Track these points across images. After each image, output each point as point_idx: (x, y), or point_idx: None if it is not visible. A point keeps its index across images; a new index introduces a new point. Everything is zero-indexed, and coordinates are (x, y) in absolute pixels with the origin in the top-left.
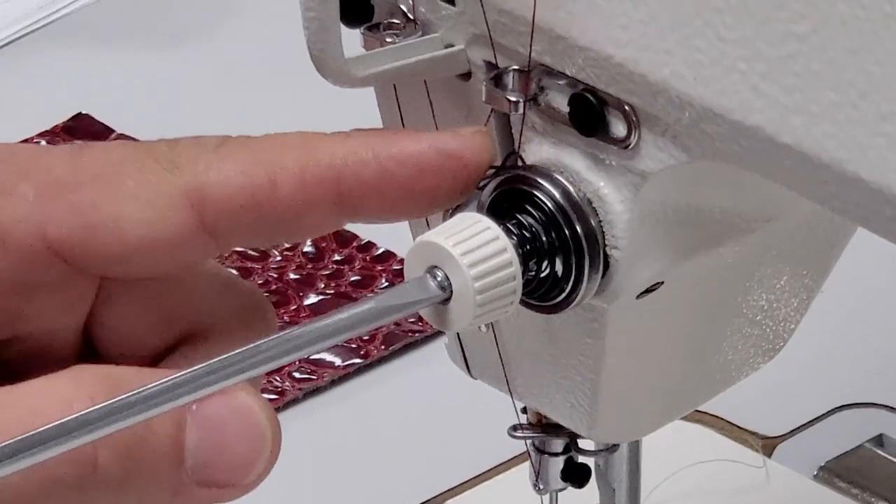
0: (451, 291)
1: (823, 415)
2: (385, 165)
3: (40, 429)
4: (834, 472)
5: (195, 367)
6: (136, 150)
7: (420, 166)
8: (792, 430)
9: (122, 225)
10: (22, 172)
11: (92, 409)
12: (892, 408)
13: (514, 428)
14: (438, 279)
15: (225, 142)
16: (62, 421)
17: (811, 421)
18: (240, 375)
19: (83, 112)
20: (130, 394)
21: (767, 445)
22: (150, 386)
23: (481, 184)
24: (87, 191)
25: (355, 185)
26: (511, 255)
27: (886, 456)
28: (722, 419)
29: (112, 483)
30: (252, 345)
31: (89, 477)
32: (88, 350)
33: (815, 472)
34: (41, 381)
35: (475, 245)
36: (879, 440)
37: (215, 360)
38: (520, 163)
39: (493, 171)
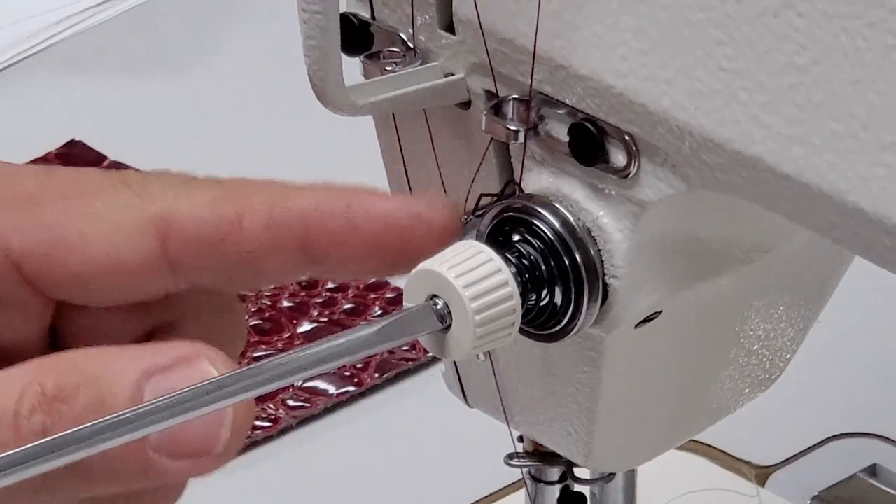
0: (451, 321)
1: (817, 444)
2: (352, 219)
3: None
4: (827, 501)
5: (194, 385)
6: (107, 175)
7: (387, 224)
8: (785, 460)
9: (86, 243)
10: None
11: (73, 430)
12: (885, 438)
13: (511, 456)
14: (438, 308)
15: (196, 178)
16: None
17: (805, 450)
18: (235, 397)
19: (76, 139)
20: (116, 415)
21: (761, 475)
22: (142, 406)
23: (479, 212)
24: (54, 207)
25: (321, 234)
26: (512, 287)
27: (880, 486)
28: (715, 448)
29: (77, 470)
30: (249, 367)
31: None
32: (56, 345)
33: (808, 502)
34: None
35: (477, 277)
36: (873, 470)
37: (212, 379)
38: (518, 192)
39: (492, 199)
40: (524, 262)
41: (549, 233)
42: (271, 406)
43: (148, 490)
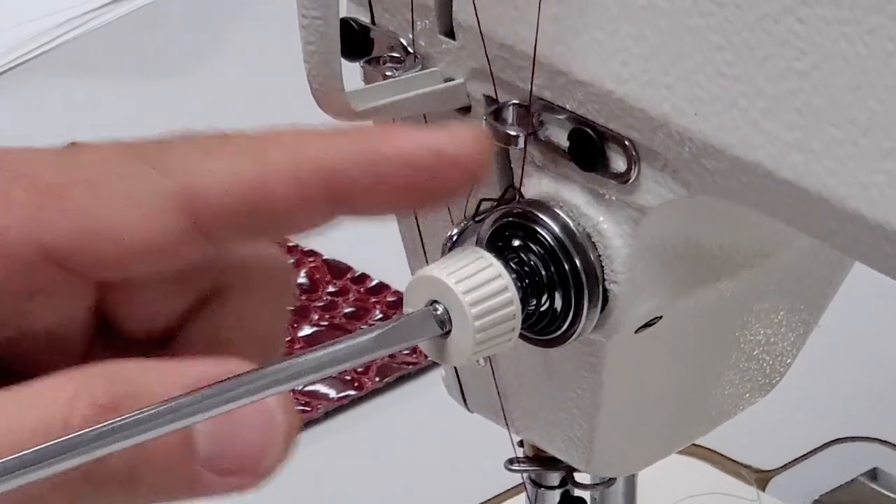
0: (452, 326)
1: (817, 448)
2: (377, 164)
3: (50, 443)
4: None
5: (198, 390)
6: (125, 151)
7: (412, 165)
8: (786, 464)
9: (114, 230)
10: (12, 178)
11: (95, 427)
12: (886, 442)
13: (511, 461)
14: (438, 313)
15: (216, 141)
16: (70, 437)
17: (805, 454)
18: (236, 402)
19: (78, 142)
20: (136, 413)
21: (761, 479)
22: (141, 412)
23: (479, 218)
24: (78, 196)
25: (347, 183)
26: (512, 293)
27: (880, 490)
28: (716, 452)
29: (122, 477)
30: (250, 372)
31: (98, 472)
32: (104, 326)
33: None
34: (40, 386)
35: (477, 283)
36: (873, 474)
37: (217, 383)
38: (518, 197)
39: (492, 204)
40: (524, 267)
41: (549, 238)
42: None
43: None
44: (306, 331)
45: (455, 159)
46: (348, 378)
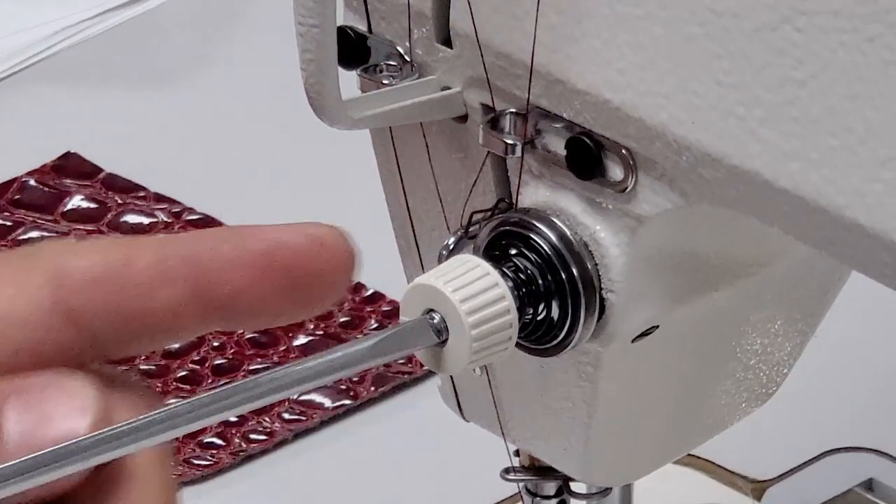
0: (448, 335)
1: (813, 459)
2: (242, 240)
3: (47, 450)
4: None
5: (189, 400)
6: (4, 254)
7: (278, 243)
8: (782, 474)
9: None
10: None
11: (93, 435)
12: (882, 452)
13: (507, 471)
14: (435, 322)
15: (87, 240)
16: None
17: (801, 465)
18: (232, 410)
19: (72, 151)
20: (132, 421)
21: (757, 489)
22: (139, 419)
23: (471, 234)
24: None
25: (212, 262)
26: (509, 301)
27: (876, 501)
28: (712, 462)
29: None
30: (245, 380)
31: None
32: None
33: None
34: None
35: (474, 291)
36: (869, 484)
37: (212, 392)
38: (514, 207)
39: (485, 215)
40: (521, 276)
41: (545, 247)
42: (267, 419)
43: None
44: (301, 340)
45: (323, 243)
46: (344, 387)
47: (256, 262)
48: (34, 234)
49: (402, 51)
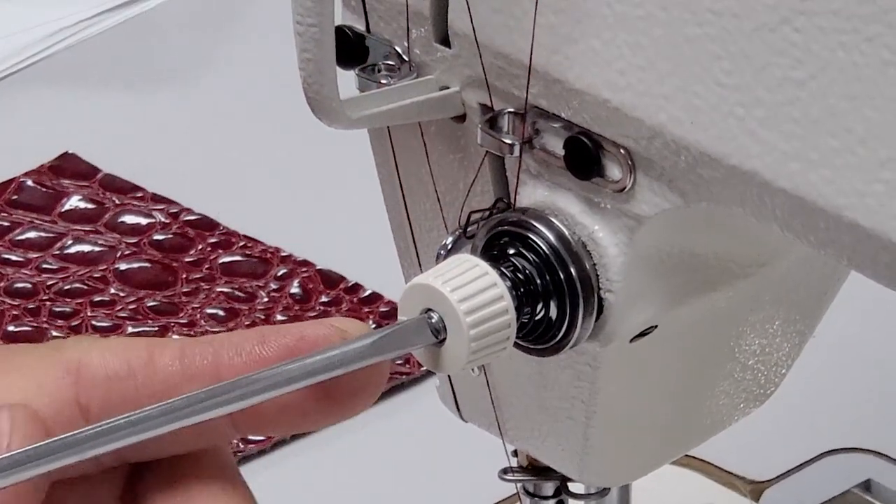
0: (446, 334)
1: (811, 460)
2: (265, 336)
3: (48, 441)
4: None
5: (187, 394)
6: (33, 346)
7: (302, 336)
8: (780, 475)
9: (5, 394)
10: None
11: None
12: (880, 453)
13: (505, 471)
14: (433, 321)
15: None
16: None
17: (799, 466)
18: (229, 406)
19: (70, 152)
20: (132, 414)
21: (755, 490)
22: (140, 412)
23: (469, 234)
24: None
25: (235, 358)
26: (507, 301)
27: (874, 501)
28: (710, 463)
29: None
30: (243, 377)
31: None
32: None
33: None
34: None
35: (472, 291)
36: (867, 485)
37: (212, 388)
38: (512, 207)
39: (483, 215)
40: (519, 276)
41: (544, 247)
42: None
43: None
44: None
45: (345, 334)
46: None
47: (281, 357)
48: (31, 234)
49: (400, 50)
